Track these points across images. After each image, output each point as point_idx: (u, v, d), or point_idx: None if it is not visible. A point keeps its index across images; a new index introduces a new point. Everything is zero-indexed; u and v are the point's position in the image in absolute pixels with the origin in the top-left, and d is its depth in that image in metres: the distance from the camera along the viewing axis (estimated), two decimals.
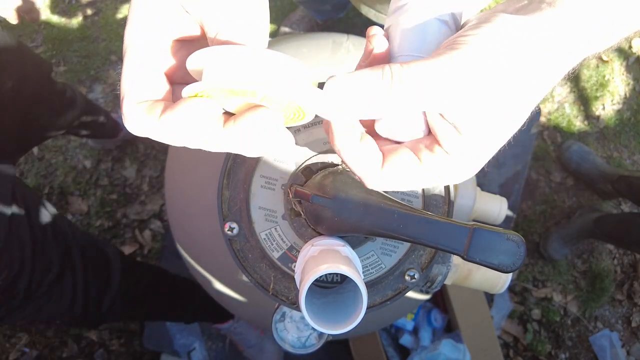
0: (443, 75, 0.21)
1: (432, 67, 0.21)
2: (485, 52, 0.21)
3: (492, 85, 0.21)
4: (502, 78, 0.21)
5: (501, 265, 0.26)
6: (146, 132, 0.24)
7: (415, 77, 0.21)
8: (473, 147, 0.23)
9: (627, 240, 1.24)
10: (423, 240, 0.27)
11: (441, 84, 0.21)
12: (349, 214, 0.30)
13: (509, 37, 0.21)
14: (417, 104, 0.22)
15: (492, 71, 0.21)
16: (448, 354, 1.06)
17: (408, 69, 0.21)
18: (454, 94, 0.21)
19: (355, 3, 0.80)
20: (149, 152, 1.44)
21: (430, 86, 0.21)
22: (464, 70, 0.21)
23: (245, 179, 0.38)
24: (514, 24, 0.22)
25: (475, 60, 0.21)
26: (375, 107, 0.22)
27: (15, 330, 1.30)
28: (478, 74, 0.21)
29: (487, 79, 0.21)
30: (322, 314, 0.30)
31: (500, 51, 0.21)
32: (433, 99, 0.21)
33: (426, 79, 0.21)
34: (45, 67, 0.87)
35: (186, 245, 0.66)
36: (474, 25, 0.23)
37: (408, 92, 0.21)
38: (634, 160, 1.51)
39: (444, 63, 0.21)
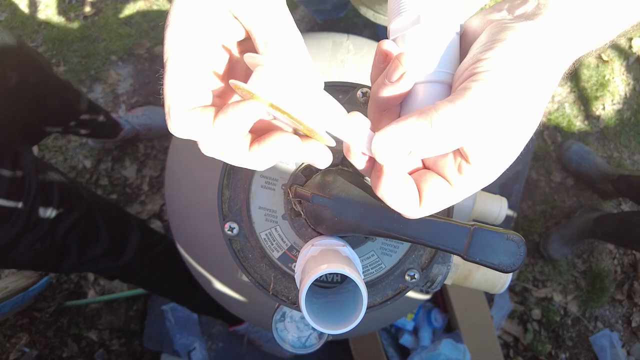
0: (476, 117, 0.22)
1: (466, 110, 0.22)
2: (506, 82, 0.23)
3: (515, 110, 0.23)
4: (522, 102, 0.23)
5: (501, 265, 0.26)
6: (197, 137, 0.25)
7: (450, 122, 0.23)
8: (498, 159, 0.24)
9: (627, 239, 1.24)
10: (423, 240, 0.27)
11: (475, 125, 0.23)
12: (349, 214, 0.30)
13: (524, 57, 0.23)
14: (457, 144, 0.23)
15: (514, 100, 0.23)
16: (448, 354, 1.06)
17: (446, 115, 0.23)
18: (485, 129, 0.23)
19: (354, 3, 0.80)
20: (149, 152, 1.44)
21: (467, 128, 0.23)
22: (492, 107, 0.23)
23: (245, 179, 0.38)
24: (525, 38, 0.23)
25: (498, 95, 0.22)
26: (419, 154, 0.24)
27: (15, 330, 1.31)
28: (503, 107, 0.23)
29: (510, 109, 0.23)
30: (322, 314, 0.30)
31: (518, 78, 0.23)
32: (469, 137, 0.23)
33: (459, 123, 0.22)
34: (45, 63, 0.88)
35: (186, 245, 0.66)
36: (489, 44, 0.24)
37: (448, 137, 0.23)
38: (634, 160, 1.51)
39: (474, 103, 0.22)
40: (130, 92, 1.47)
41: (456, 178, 0.25)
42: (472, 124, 0.22)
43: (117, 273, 0.96)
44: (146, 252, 0.97)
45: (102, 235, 0.86)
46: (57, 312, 1.34)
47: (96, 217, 0.85)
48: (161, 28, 1.30)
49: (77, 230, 0.81)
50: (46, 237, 0.76)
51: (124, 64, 1.49)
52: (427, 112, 0.23)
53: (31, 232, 0.73)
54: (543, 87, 0.24)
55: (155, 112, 1.38)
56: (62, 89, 0.93)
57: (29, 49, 0.85)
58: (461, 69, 0.25)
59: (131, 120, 1.33)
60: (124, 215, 0.99)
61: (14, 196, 0.70)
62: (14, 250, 0.73)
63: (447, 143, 0.23)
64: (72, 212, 0.80)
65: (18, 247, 0.73)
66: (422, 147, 0.23)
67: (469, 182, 0.25)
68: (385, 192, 0.26)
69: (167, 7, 1.53)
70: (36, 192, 0.73)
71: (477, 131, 0.23)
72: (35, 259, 0.77)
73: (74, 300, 1.34)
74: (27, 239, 0.73)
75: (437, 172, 0.26)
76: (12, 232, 0.70)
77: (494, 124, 0.23)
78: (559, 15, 0.24)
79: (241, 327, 1.23)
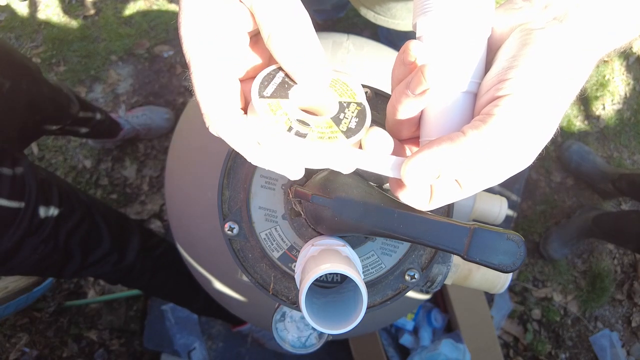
0: (501, 144, 0.23)
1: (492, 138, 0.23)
2: (530, 105, 0.23)
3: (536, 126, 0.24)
4: (544, 118, 0.24)
5: (501, 265, 0.26)
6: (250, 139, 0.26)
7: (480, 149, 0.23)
8: (512, 165, 0.25)
9: (623, 238, 1.25)
10: (423, 240, 0.27)
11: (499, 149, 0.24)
12: (349, 214, 0.30)
13: (548, 73, 0.23)
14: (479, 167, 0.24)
15: (537, 119, 0.24)
16: (448, 354, 1.06)
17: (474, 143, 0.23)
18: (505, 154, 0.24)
19: (354, 4, 0.80)
20: (149, 152, 1.44)
21: (492, 153, 0.24)
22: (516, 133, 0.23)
23: (245, 179, 0.38)
24: (550, 49, 0.24)
25: (522, 121, 0.23)
26: (445, 178, 0.25)
27: (15, 330, 1.31)
28: (526, 129, 0.24)
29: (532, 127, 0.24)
30: (322, 314, 0.30)
31: (542, 97, 0.23)
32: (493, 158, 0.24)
33: (486, 150, 0.23)
34: (34, 68, 0.89)
35: (186, 245, 0.66)
36: (512, 60, 0.24)
37: (475, 162, 0.24)
38: (634, 160, 1.51)
39: (498, 132, 0.23)
40: (130, 92, 1.47)
41: (465, 178, 0.26)
42: (498, 150, 0.24)
43: (119, 277, 0.96)
44: (147, 254, 0.97)
45: (104, 237, 0.86)
46: (57, 312, 1.34)
47: (96, 219, 0.85)
48: (161, 28, 1.31)
49: (79, 233, 0.81)
50: (49, 240, 0.76)
51: (124, 64, 1.49)
52: (454, 140, 0.24)
53: (34, 234, 0.73)
54: (566, 97, 0.24)
55: (155, 112, 1.38)
56: (53, 94, 0.93)
57: (19, 55, 0.86)
58: (486, 85, 0.25)
59: (131, 120, 1.33)
60: (123, 218, 0.99)
61: (16, 198, 0.70)
62: (18, 254, 0.73)
63: (472, 167, 0.24)
64: (72, 215, 0.80)
65: (22, 251, 0.73)
66: (450, 173, 0.24)
67: (477, 183, 0.26)
68: (404, 197, 0.27)
69: (167, 7, 1.53)
70: (37, 194, 0.73)
71: (501, 154, 0.24)
72: (39, 263, 0.77)
73: (74, 300, 1.34)
74: (31, 242, 0.73)
75: None
76: (17, 235, 0.70)
77: (516, 146, 0.24)
78: (586, 14, 0.24)
79: (244, 328, 1.23)
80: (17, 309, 1.15)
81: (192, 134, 0.64)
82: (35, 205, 0.72)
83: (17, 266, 0.76)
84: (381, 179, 0.39)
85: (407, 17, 0.76)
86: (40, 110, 0.88)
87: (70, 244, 0.80)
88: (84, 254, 0.83)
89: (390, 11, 0.75)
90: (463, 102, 0.26)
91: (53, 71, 1.47)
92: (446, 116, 0.26)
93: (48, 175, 0.81)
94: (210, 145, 0.59)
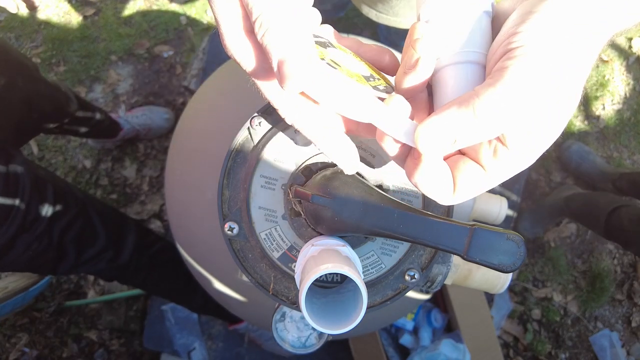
0: (519, 98, 0.21)
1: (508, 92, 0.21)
2: (544, 59, 0.21)
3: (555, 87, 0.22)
4: (564, 79, 0.22)
5: (501, 265, 0.26)
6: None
7: (493, 108, 0.22)
8: (537, 142, 0.23)
9: (589, 220, 1.25)
10: (423, 240, 0.27)
11: (519, 107, 0.22)
12: (349, 214, 0.30)
13: (560, 27, 0.22)
14: (502, 129, 0.22)
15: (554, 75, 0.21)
16: (448, 354, 1.06)
17: (488, 100, 0.22)
18: (525, 113, 0.22)
19: (356, 3, 0.80)
20: (149, 152, 1.44)
21: (511, 111, 0.22)
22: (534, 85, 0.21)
23: (245, 179, 0.38)
24: (559, 8, 0.22)
25: (538, 71, 0.21)
26: (462, 143, 0.23)
27: (15, 330, 1.31)
28: (544, 84, 0.21)
29: (551, 85, 0.22)
30: (322, 314, 0.30)
31: (556, 50, 0.21)
32: (514, 120, 0.22)
33: (503, 107, 0.21)
34: (32, 66, 0.89)
35: (186, 245, 0.66)
36: (522, 16, 0.23)
37: (493, 122, 0.22)
38: (634, 160, 1.51)
39: (515, 84, 0.21)
40: (130, 92, 1.47)
41: (491, 162, 0.24)
42: (516, 106, 0.21)
43: (115, 274, 0.96)
44: (143, 252, 0.97)
45: (99, 235, 0.86)
46: (57, 312, 1.34)
47: (92, 216, 0.85)
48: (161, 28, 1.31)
49: (74, 230, 0.81)
50: (43, 237, 0.76)
51: (124, 64, 1.49)
52: (468, 100, 0.22)
53: (28, 232, 0.73)
54: (582, 61, 0.22)
55: (155, 112, 1.38)
56: (51, 92, 0.93)
57: (16, 52, 0.86)
58: (494, 47, 0.24)
59: (131, 120, 1.33)
60: (120, 215, 0.99)
61: (10, 195, 0.70)
62: (11, 252, 0.73)
63: (491, 129, 0.22)
64: (67, 212, 0.80)
65: (15, 248, 0.73)
66: (466, 136, 0.22)
67: (504, 167, 0.24)
68: (420, 179, 0.25)
69: (167, 7, 1.53)
70: (31, 191, 0.73)
71: (521, 113, 0.22)
72: (33, 260, 0.77)
73: (74, 300, 1.34)
74: (24, 240, 0.73)
75: (471, 157, 0.25)
76: (10, 231, 0.70)
77: (537, 103, 0.22)
78: None
79: (241, 326, 1.23)
80: (14, 308, 1.15)
81: (192, 134, 0.64)
82: (29, 202, 0.72)
83: (11, 263, 0.76)
84: (381, 180, 0.39)
85: (409, 14, 0.76)
86: (37, 107, 0.88)
87: (65, 241, 0.80)
88: (78, 251, 0.83)
89: (393, 9, 0.75)
90: (471, 73, 0.25)
91: (53, 71, 1.47)
92: (455, 89, 0.25)
93: (44, 172, 0.81)
94: (210, 145, 0.59)
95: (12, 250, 0.73)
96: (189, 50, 1.49)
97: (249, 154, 0.38)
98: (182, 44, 1.50)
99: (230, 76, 0.66)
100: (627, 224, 1.09)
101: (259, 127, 0.37)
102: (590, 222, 1.24)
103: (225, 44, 0.27)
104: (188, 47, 1.50)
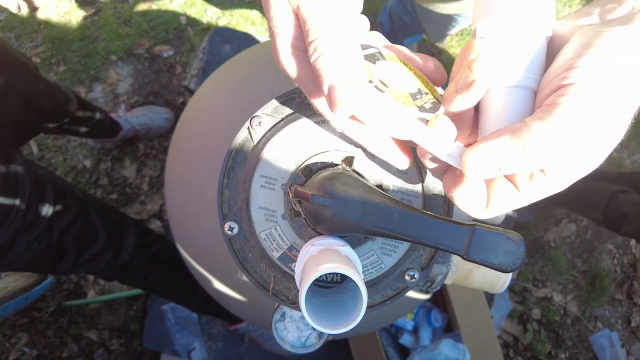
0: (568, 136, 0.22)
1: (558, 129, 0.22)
2: (597, 98, 0.21)
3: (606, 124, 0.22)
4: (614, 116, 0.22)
5: (501, 265, 0.26)
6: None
7: (542, 144, 0.22)
8: (575, 171, 0.24)
9: (587, 206, 1.25)
10: (423, 240, 0.27)
11: (564, 143, 0.22)
12: (349, 214, 0.30)
13: (617, 66, 0.22)
14: (546, 162, 0.23)
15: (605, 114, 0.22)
16: (448, 354, 1.06)
17: (538, 134, 0.22)
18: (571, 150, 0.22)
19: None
20: (149, 152, 1.44)
21: (558, 147, 0.22)
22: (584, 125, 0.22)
23: (245, 179, 0.38)
24: (618, 44, 0.22)
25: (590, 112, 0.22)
26: (507, 171, 0.23)
27: (15, 330, 1.30)
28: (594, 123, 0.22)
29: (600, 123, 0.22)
30: (322, 314, 0.30)
31: (610, 90, 0.22)
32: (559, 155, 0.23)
33: (552, 145, 0.22)
34: (31, 65, 0.88)
35: (186, 245, 0.66)
36: (579, 50, 0.23)
37: (540, 156, 0.22)
38: (634, 160, 1.51)
39: (565, 122, 0.22)
40: (130, 91, 1.47)
41: (526, 185, 0.25)
42: (564, 143, 0.22)
43: (115, 274, 0.96)
44: (143, 252, 0.97)
45: (99, 235, 0.86)
46: (57, 312, 1.34)
47: (92, 216, 0.85)
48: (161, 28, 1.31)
49: (74, 230, 0.81)
50: (43, 237, 0.76)
51: (124, 63, 1.49)
52: (519, 132, 0.22)
53: (28, 231, 0.73)
54: (634, 99, 0.22)
55: (155, 112, 1.38)
56: (50, 91, 0.93)
57: (16, 52, 0.86)
58: (549, 77, 0.24)
59: (131, 120, 1.33)
60: (119, 215, 0.99)
61: (9, 194, 0.70)
62: (11, 251, 0.73)
63: (537, 163, 0.23)
64: (67, 212, 0.80)
65: (15, 248, 0.73)
66: (512, 166, 0.23)
67: (538, 190, 0.25)
68: (459, 197, 0.26)
69: (167, 7, 1.53)
70: (31, 191, 0.73)
71: (567, 151, 0.22)
72: (33, 260, 0.77)
73: (74, 300, 1.34)
74: (24, 239, 0.73)
75: (507, 177, 0.26)
76: (10, 231, 0.70)
77: (583, 141, 0.22)
78: None
79: (241, 326, 1.23)
80: (17, 309, 1.15)
81: (192, 134, 0.64)
82: (29, 201, 0.73)
83: (11, 263, 0.76)
84: (381, 180, 0.39)
85: None
86: (36, 107, 0.88)
87: (65, 240, 0.80)
88: (78, 251, 0.83)
89: None
90: (522, 98, 0.25)
91: (53, 71, 1.47)
92: (505, 112, 0.26)
93: (44, 172, 0.81)
94: (210, 145, 0.59)
95: (12, 250, 0.73)
96: (189, 50, 1.49)
97: (249, 153, 0.38)
98: (182, 44, 1.50)
99: (230, 76, 0.66)
100: (627, 208, 1.11)
101: (259, 126, 0.37)
102: (590, 207, 1.25)
103: (278, 58, 0.27)
104: (188, 47, 1.50)
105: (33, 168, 0.77)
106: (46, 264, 0.81)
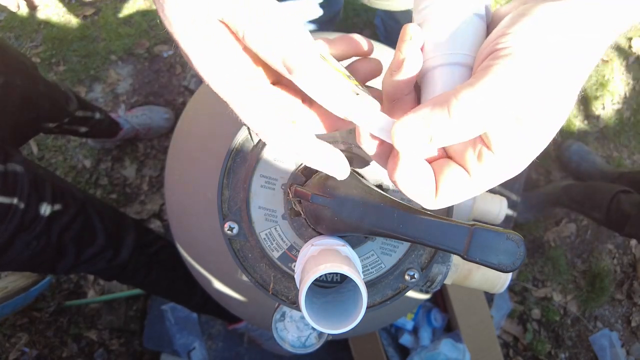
0: (499, 100, 0.21)
1: (488, 92, 0.21)
2: (531, 60, 0.20)
3: (544, 90, 0.21)
4: (552, 82, 0.21)
5: (501, 265, 0.26)
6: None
7: (469, 108, 0.21)
8: (524, 148, 0.22)
9: (589, 205, 1.25)
10: (423, 240, 0.27)
11: (499, 109, 0.21)
12: (349, 214, 0.30)
13: (553, 30, 0.21)
14: (479, 130, 0.22)
15: (542, 79, 0.21)
16: (448, 354, 1.06)
17: (465, 100, 0.21)
18: (511, 112, 0.21)
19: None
20: (149, 151, 1.44)
21: (489, 113, 0.21)
22: (517, 87, 0.21)
23: (245, 179, 0.38)
24: (553, 11, 0.21)
25: (524, 73, 0.20)
26: (439, 142, 0.22)
27: (15, 330, 1.30)
28: (530, 87, 0.21)
29: (538, 89, 0.21)
30: (322, 314, 0.30)
31: (546, 53, 0.21)
32: (493, 122, 0.21)
33: (479, 107, 0.21)
34: (30, 65, 0.88)
35: (186, 245, 0.66)
36: (513, 19, 0.22)
37: (469, 123, 0.21)
38: (634, 160, 1.51)
39: (496, 85, 0.21)
40: (130, 91, 1.47)
41: (475, 167, 0.24)
42: (495, 108, 0.21)
43: (115, 273, 0.96)
44: (143, 251, 0.97)
45: (99, 234, 0.86)
46: (56, 312, 1.34)
47: (91, 216, 0.85)
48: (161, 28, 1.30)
49: (73, 229, 0.81)
50: (42, 236, 0.76)
51: (124, 63, 1.49)
52: (445, 99, 0.22)
53: (26, 230, 0.73)
54: (576, 66, 0.21)
55: (155, 112, 1.38)
56: (50, 91, 0.93)
57: (15, 52, 0.86)
58: (482, 48, 0.23)
59: (131, 119, 1.33)
60: (119, 215, 0.99)
61: (8, 193, 0.70)
62: (10, 251, 0.73)
63: (468, 130, 0.22)
64: (66, 211, 0.80)
65: (14, 247, 0.73)
66: (442, 135, 0.22)
67: (489, 172, 0.24)
68: (400, 178, 0.25)
69: None
70: (29, 190, 0.73)
71: (501, 116, 0.21)
72: (32, 259, 0.77)
73: (74, 300, 1.34)
74: (23, 238, 0.73)
75: (457, 161, 0.25)
76: (8, 230, 0.70)
77: (521, 107, 0.21)
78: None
79: (240, 326, 1.23)
80: (15, 308, 1.15)
81: (192, 134, 0.64)
82: (28, 201, 0.73)
83: (10, 262, 0.76)
84: (381, 179, 0.39)
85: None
86: (35, 106, 0.88)
87: (64, 240, 0.80)
88: (77, 251, 0.83)
89: None
90: (459, 75, 0.25)
91: (53, 71, 1.47)
92: (440, 90, 0.25)
93: (43, 171, 0.81)
94: (210, 145, 0.59)
95: (11, 249, 0.73)
96: None
97: (249, 153, 0.38)
98: None
99: None
100: (629, 209, 1.11)
101: None
102: (591, 207, 1.25)
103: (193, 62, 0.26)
104: None
105: (32, 167, 0.77)
106: (45, 264, 0.81)
